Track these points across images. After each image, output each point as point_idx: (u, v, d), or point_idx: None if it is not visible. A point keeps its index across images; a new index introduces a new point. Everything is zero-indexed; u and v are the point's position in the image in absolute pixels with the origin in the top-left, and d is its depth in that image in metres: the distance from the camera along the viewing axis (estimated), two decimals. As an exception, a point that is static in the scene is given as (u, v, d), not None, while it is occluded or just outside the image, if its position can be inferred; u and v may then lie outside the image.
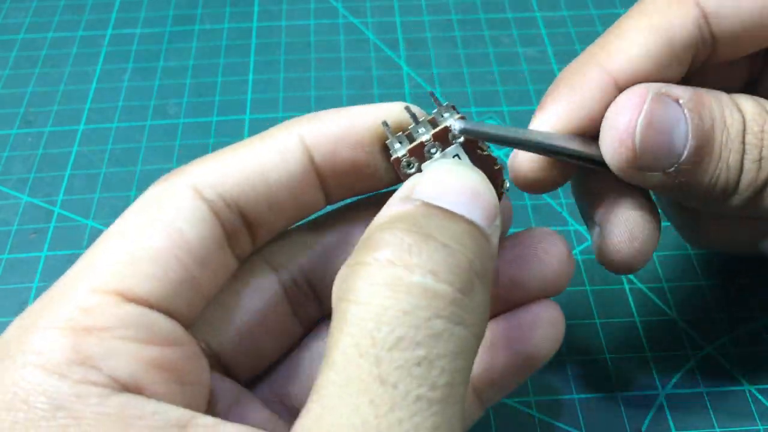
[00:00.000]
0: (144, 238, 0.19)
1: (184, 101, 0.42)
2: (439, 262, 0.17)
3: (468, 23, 0.47)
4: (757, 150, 0.22)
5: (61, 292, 0.18)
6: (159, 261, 0.18)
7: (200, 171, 0.20)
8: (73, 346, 0.17)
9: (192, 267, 0.19)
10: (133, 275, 0.18)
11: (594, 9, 0.47)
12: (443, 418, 0.16)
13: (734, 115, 0.22)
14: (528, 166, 0.24)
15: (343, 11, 0.48)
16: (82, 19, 0.47)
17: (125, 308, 0.18)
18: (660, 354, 0.31)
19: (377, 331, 0.16)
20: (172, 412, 0.17)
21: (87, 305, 0.17)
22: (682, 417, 0.29)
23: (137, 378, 0.17)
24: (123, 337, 0.17)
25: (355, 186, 0.23)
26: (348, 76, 0.43)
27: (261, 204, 0.21)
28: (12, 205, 0.37)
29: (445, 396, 0.16)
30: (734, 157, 0.22)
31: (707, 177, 0.23)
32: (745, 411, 0.29)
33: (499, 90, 0.42)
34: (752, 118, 0.23)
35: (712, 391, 0.30)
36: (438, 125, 0.22)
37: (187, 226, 0.19)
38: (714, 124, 0.22)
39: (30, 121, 0.41)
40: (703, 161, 0.22)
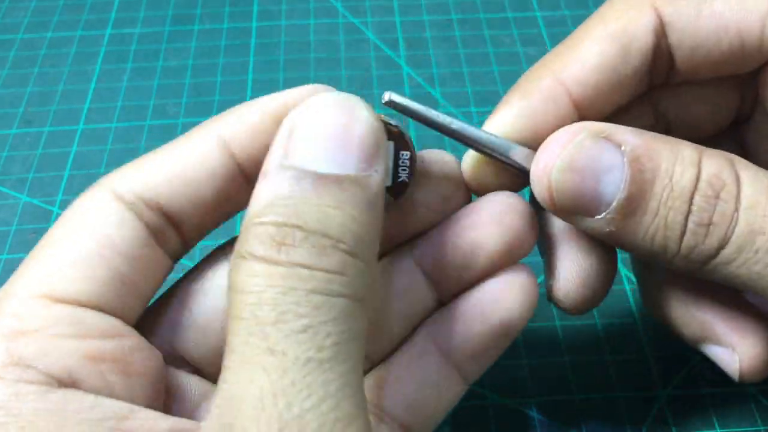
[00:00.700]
0: (69, 243, 0.20)
1: (184, 101, 0.42)
2: (311, 254, 0.18)
3: (468, 23, 0.47)
4: (707, 214, 0.20)
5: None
6: (85, 262, 0.19)
7: (119, 176, 0.21)
8: (7, 350, 0.17)
9: (120, 265, 0.20)
10: (60, 278, 0.19)
11: (594, 8, 0.47)
12: (335, 374, 0.17)
13: (687, 172, 0.21)
14: (469, 163, 0.24)
15: (342, 11, 0.47)
16: (81, 19, 0.47)
17: (55, 308, 0.18)
18: (660, 354, 0.31)
19: (260, 310, 0.17)
20: (110, 405, 0.18)
21: (18, 311, 0.18)
22: (682, 417, 0.29)
23: (73, 372, 0.18)
24: (55, 335, 0.18)
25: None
26: (348, 75, 0.43)
27: (183, 203, 0.21)
28: (11, 205, 0.37)
29: (334, 354, 0.17)
30: (675, 217, 0.21)
31: (641, 232, 0.21)
32: (746, 411, 0.29)
33: (499, 90, 0.42)
34: (708, 179, 0.21)
35: (713, 392, 0.30)
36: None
37: (110, 228, 0.20)
38: (656, 178, 0.21)
39: (29, 121, 0.41)
40: (636, 214, 0.21)
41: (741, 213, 0.20)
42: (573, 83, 0.22)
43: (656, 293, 0.26)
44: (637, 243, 0.21)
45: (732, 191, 0.20)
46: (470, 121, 0.40)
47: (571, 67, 0.23)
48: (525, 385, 0.30)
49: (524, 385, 0.30)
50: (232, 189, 0.22)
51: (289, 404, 0.16)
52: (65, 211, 0.21)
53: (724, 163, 0.21)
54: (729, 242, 0.20)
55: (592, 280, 0.23)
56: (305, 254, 0.17)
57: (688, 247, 0.21)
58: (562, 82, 0.23)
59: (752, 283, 0.21)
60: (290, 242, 0.17)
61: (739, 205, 0.20)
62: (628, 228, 0.21)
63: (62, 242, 0.20)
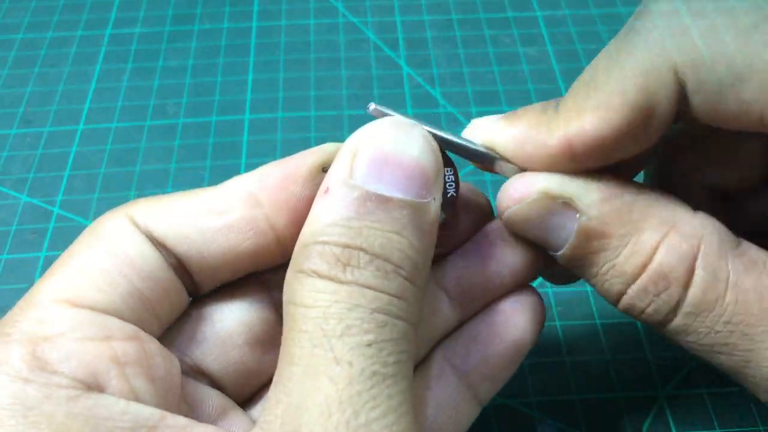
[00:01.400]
0: (90, 257, 0.20)
1: (184, 101, 0.42)
2: (375, 276, 0.18)
3: (468, 23, 0.47)
4: (645, 301, 0.20)
5: (17, 309, 0.19)
6: (106, 275, 0.19)
7: (142, 210, 0.21)
8: (33, 353, 0.17)
9: (139, 284, 0.20)
10: (81, 286, 0.19)
11: (594, 8, 0.47)
12: (396, 390, 0.17)
13: (633, 259, 0.20)
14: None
15: (342, 11, 0.47)
16: (82, 19, 0.47)
17: (77, 312, 0.18)
18: (661, 354, 0.31)
19: (326, 324, 0.17)
20: (141, 410, 0.17)
21: (41, 316, 0.18)
22: (682, 417, 0.29)
23: (99, 375, 0.18)
24: (79, 338, 0.18)
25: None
26: (348, 75, 0.43)
27: (201, 257, 0.21)
28: (11, 205, 0.37)
29: (396, 372, 0.18)
30: (613, 286, 0.21)
31: (594, 269, 0.21)
32: (746, 411, 0.29)
33: (499, 90, 0.42)
34: (654, 274, 0.20)
35: (713, 392, 0.30)
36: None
37: (130, 250, 0.20)
38: (600, 253, 0.21)
39: (29, 121, 0.41)
40: (580, 267, 0.22)
41: (679, 314, 0.20)
42: (578, 141, 0.21)
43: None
44: (592, 276, 0.22)
45: (674, 295, 0.20)
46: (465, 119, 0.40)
47: (577, 124, 0.21)
48: (525, 385, 0.30)
49: (524, 385, 0.30)
50: (257, 248, 0.21)
51: (356, 413, 0.17)
52: (85, 229, 0.21)
53: (684, 256, 0.20)
54: (670, 323, 0.21)
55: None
56: (370, 276, 0.18)
57: (627, 306, 0.21)
58: (567, 139, 0.21)
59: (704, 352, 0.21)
60: (355, 263, 0.18)
61: (679, 308, 0.20)
62: (576, 270, 0.22)
63: (83, 256, 0.20)
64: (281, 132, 0.40)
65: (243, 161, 0.39)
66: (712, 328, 0.20)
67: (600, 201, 0.21)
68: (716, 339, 0.20)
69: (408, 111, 0.41)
